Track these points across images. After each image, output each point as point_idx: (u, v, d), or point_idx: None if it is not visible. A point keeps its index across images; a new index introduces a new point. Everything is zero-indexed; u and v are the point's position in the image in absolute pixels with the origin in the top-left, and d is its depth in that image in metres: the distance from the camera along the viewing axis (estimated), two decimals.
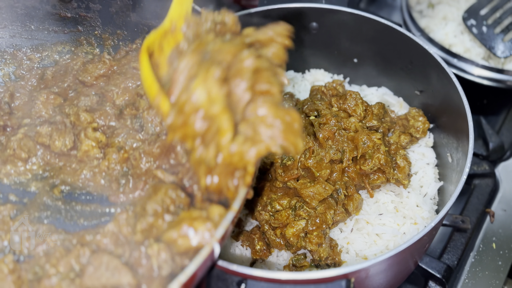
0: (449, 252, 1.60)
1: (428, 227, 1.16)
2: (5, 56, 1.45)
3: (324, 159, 1.40)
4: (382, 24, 1.59)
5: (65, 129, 1.25)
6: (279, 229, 1.36)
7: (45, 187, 1.22)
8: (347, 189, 1.40)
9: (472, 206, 1.72)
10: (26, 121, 1.30)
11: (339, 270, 1.06)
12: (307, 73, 1.87)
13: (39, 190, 1.22)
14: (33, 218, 1.16)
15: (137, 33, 1.47)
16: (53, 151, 1.25)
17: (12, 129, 1.29)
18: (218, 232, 0.96)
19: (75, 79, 1.42)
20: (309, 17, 1.70)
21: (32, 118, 1.31)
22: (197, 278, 0.97)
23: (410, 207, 1.43)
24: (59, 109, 1.32)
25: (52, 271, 1.02)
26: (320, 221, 1.31)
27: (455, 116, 1.44)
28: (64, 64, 1.46)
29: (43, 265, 1.04)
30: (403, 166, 1.42)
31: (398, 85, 1.74)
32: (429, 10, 2.19)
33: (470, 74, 1.89)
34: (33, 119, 1.31)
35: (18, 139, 1.23)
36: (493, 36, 1.92)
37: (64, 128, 1.26)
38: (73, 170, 1.25)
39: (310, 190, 1.34)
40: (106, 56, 1.43)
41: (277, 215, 1.36)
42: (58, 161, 1.26)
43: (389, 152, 1.45)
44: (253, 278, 1.04)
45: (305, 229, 1.31)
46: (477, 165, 1.80)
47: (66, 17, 1.47)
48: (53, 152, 1.25)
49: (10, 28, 1.44)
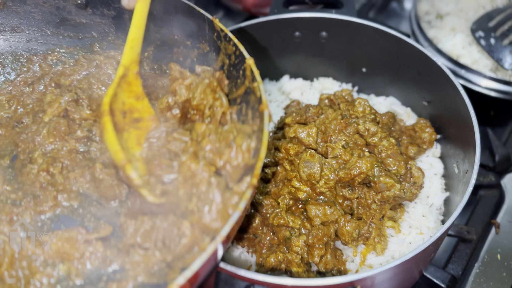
0: (454, 262, 1.60)
1: (434, 237, 1.17)
2: (21, 59, 1.48)
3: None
4: (390, 34, 1.61)
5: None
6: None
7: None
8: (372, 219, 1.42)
9: (478, 217, 1.73)
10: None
11: (345, 278, 1.07)
12: (315, 81, 1.89)
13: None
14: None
15: (149, 40, 1.50)
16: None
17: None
18: (224, 230, 0.97)
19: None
20: (319, 26, 1.72)
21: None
22: (200, 276, 0.98)
23: (416, 217, 1.44)
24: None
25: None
26: (322, 233, 1.33)
27: (462, 127, 1.45)
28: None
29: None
30: (418, 176, 1.44)
31: (406, 95, 1.75)
32: (437, 21, 2.21)
33: (478, 85, 1.90)
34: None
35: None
36: (501, 48, 1.93)
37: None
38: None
39: (317, 209, 1.36)
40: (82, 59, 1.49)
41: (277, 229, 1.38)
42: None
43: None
44: (261, 283, 1.06)
45: (306, 242, 1.33)
46: (483, 176, 1.81)
47: (81, 23, 1.50)
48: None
49: (26, 32, 1.48)
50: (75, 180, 1.24)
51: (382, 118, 1.52)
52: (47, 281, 1.08)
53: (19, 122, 1.38)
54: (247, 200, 1.01)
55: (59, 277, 1.09)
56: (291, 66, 1.88)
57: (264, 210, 1.45)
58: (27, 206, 1.19)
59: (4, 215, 1.17)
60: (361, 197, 1.40)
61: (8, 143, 1.34)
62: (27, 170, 1.26)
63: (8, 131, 1.35)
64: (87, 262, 1.11)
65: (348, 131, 1.47)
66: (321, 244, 1.33)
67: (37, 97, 1.42)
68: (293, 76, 1.91)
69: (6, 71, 1.47)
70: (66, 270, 1.10)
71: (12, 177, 1.26)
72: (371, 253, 1.39)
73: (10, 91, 1.43)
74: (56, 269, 1.10)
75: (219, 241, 0.96)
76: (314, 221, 1.35)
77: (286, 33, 1.75)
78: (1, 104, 1.40)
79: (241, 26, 1.67)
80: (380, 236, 1.39)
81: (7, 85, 1.46)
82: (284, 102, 1.82)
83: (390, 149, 1.43)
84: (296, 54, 1.83)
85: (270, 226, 1.43)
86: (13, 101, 1.40)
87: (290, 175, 1.44)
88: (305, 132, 1.45)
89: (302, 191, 1.41)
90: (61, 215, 1.21)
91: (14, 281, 1.07)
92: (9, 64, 1.48)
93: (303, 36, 1.77)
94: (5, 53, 1.47)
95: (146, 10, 1.31)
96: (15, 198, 1.21)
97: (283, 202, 1.42)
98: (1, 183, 1.24)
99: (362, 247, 1.40)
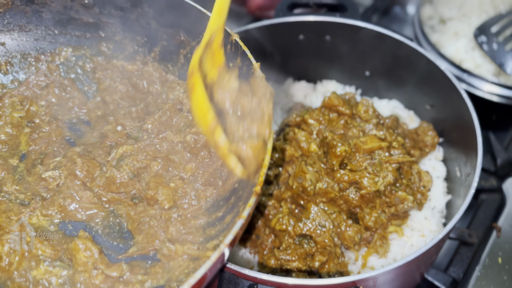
0: (455, 265, 1.61)
1: (435, 239, 1.18)
2: (28, 58, 1.50)
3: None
4: (394, 38, 1.63)
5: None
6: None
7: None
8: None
9: (479, 220, 1.74)
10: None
11: (348, 278, 1.08)
12: (319, 84, 1.90)
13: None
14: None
15: (156, 40, 1.51)
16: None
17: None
18: (228, 238, 0.99)
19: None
20: (323, 30, 1.74)
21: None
22: (207, 279, 1.00)
23: (418, 219, 1.45)
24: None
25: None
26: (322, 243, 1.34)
27: (465, 131, 1.46)
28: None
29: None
30: (428, 179, 1.45)
31: (409, 99, 1.77)
32: (440, 26, 2.22)
33: (480, 90, 1.91)
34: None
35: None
36: (503, 53, 1.94)
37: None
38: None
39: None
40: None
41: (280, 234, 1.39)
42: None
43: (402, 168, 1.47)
44: (264, 282, 1.07)
45: (308, 253, 1.34)
46: (484, 180, 1.82)
47: (88, 23, 1.51)
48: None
49: (34, 32, 1.49)
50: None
51: (386, 121, 1.54)
52: (55, 281, 1.09)
53: (30, 122, 1.39)
54: (251, 208, 1.01)
55: (68, 276, 1.10)
56: (295, 69, 1.89)
57: (267, 211, 1.46)
58: (35, 206, 1.20)
59: (13, 215, 1.18)
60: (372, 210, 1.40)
61: (19, 142, 1.35)
62: (36, 171, 1.27)
63: (19, 131, 1.37)
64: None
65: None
66: (323, 252, 1.34)
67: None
68: (297, 78, 1.93)
69: (14, 69, 1.49)
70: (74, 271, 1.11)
71: (20, 177, 1.28)
72: (373, 256, 1.40)
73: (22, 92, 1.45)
74: (65, 270, 1.11)
75: (223, 249, 0.97)
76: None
77: (290, 36, 1.77)
78: (14, 105, 1.41)
79: (246, 28, 1.68)
80: (382, 240, 1.40)
81: (16, 84, 1.47)
82: (287, 104, 1.83)
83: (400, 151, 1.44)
84: (300, 57, 1.84)
85: (272, 229, 1.44)
86: (26, 101, 1.42)
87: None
88: (303, 137, 1.47)
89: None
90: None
91: (23, 280, 1.08)
92: (17, 63, 1.49)
93: (307, 39, 1.78)
94: (13, 52, 1.49)
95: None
96: (23, 198, 1.22)
97: (286, 206, 1.43)
98: (10, 183, 1.25)
99: (364, 250, 1.41)
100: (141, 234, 1.18)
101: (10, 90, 1.45)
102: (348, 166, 1.40)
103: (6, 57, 1.48)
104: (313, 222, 1.34)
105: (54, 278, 1.09)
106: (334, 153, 1.40)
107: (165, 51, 1.49)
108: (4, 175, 1.26)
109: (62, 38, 1.52)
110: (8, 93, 1.43)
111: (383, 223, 1.38)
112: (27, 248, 1.12)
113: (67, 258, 1.12)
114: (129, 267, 1.11)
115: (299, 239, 1.34)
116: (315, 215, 1.35)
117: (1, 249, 1.10)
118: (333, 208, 1.40)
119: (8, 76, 1.48)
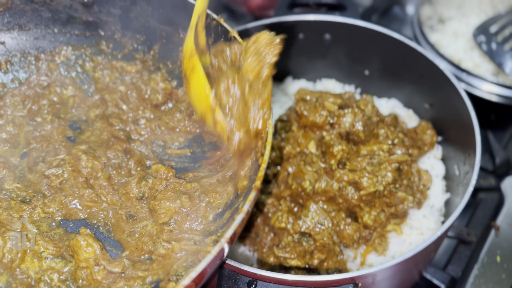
0: (454, 264, 1.62)
1: (434, 237, 1.19)
2: (28, 57, 1.50)
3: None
4: (393, 38, 1.63)
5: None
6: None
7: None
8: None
9: (478, 219, 1.74)
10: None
11: (346, 274, 1.09)
12: (318, 83, 1.91)
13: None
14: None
15: (155, 38, 1.52)
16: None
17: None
18: (228, 233, 0.99)
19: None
20: (323, 29, 1.74)
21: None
22: (207, 274, 1.00)
23: (417, 218, 1.46)
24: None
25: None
26: (321, 241, 1.34)
27: (463, 130, 1.47)
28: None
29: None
30: (428, 178, 1.46)
31: (408, 98, 1.77)
32: (439, 25, 2.23)
33: (479, 89, 1.92)
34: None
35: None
36: (502, 53, 1.95)
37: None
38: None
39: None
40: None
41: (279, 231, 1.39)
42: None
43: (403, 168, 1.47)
44: (264, 279, 1.07)
45: (307, 250, 1.34)
46: (483, 179, 1.82)
47: (87, 21, 1.52)
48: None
49: (34, 30, 1.50)
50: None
51: (386, 120, 1.54)
52: (57, 278, 1.10)
53: (32, 120, 1.39)
54: (251, 202, 1.02)
55: (70, 273, 1.11)
56: (295, 67, 1.90)
57: (266, 209, 1.47)
58: (36, 204, 1.20)
59: (15, 212, 1.18)
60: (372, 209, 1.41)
61: (20, 140, 1.35)
62: (38, 169, 1.27)
63: (20, 129, 1.37)
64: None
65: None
66: (322, 250, 1.34)
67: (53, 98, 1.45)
68: (296, 77, 1.93)
69: (14, 68, 1.49)
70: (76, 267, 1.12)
71: (21, 175, 1.28)
72: (372, 254, 1.40)
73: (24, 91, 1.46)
74: (66, 266, 1.12)
75: (223, 243, 0.97)
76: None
77: (290, 35, 1.77)
78: (15, 104, 1.41)
79: (246, 27, 1.69)
80: (381, 238, 1.41)
81: (16, 83, 1.47)
82: (287, 103, 1.83)
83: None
84: (300, 56, 1.85)
85: (271, 227, 1.44)
86: (28, 100, 1.43)
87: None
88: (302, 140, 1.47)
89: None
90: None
91: (25, 277, 1.08)
92: (17, 62, 1.50)
93: (306, 38, 1.78)
94: (13, 51, 1.49)
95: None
96: (25, 195, 1.23)
97: (285, 204, 1.44)
98: (11, 180, 1.25)
99: (363, 248, 1.41)
100: (130, 244, 1.17)
101: (11, 89, 1.45)
102: (348, 166, 1.40)
103: (6, 56, 1.49)
104: (312, 220, 1.35)
105: (56, 275, 1.09)
106: (332, 153, 1.40)
107: (165, 49, 1.50)
108: (5, 173, 1.27)
109: (62, 37, 1.53)
110: (9, 92, 1.44)
111: (382, 222, 1.39)
112: (28, 245, 1.12)
113: (68, 255, 1.13)
114: (131, 262, 1.11)
115: (298, 237, 1.35)
116: (314, 213, 1.35)
117: (3, 246, 1.10)
118: (332, 206, 1.40)
119: (8, 75, 1.48)
